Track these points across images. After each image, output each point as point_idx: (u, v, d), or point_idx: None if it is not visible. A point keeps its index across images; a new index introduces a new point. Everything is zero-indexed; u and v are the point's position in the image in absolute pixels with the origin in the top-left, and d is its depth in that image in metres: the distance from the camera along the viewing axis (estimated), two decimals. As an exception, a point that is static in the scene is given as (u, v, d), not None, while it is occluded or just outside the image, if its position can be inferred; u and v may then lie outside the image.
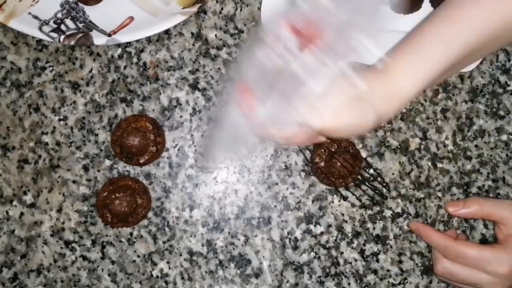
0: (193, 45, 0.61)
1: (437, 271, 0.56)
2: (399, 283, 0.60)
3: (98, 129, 0.60)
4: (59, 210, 0.60)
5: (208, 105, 0.61)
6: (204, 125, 0.61)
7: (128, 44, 0.61)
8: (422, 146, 0.61)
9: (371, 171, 0.61)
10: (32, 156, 0.60)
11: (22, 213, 0.60)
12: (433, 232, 0.57)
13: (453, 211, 0.58)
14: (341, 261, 0.60)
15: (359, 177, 0.59)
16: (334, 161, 0.58)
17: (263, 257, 0.60)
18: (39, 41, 0.60)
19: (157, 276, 0.60)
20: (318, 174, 0.59)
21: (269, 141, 0.50)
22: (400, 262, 0.61)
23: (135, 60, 0.61)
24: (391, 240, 0.61)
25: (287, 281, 0.60)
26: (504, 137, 0.62)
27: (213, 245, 0.60)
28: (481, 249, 0.54)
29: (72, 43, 0.58)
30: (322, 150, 0.59)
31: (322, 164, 0.59)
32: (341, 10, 0.40)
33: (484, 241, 0.61)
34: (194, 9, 0.59)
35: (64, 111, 0.60)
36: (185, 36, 0.61)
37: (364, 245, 0.61)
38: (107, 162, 0.60)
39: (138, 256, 0.60)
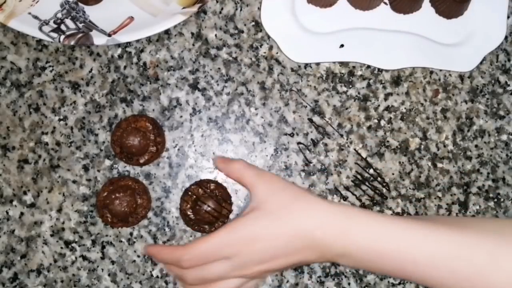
0: (193, 45, 0.61)
1: (190, 286, 0.51)
2: (399, 283, 0.60)
3: (98, 129, 0.60)
4: (59, 210, 0.60)
5: (208, 105, 0.61)
6: (204, 125, 0.61)
7: (128, 44, 0.61)
8: (422, 146, 0.61)
9: (371, 171, 0.61)
10: (32, 156, 0.60)
11: (22, 213, 0.60)
12: (162, 249, 0.53)
13: (218, 163, 0.56)
14: (341, 261, 0.60)
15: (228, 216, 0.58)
16: (198, 208, 0.57)
17: (263, 257, 0.60)
18: (39, 41, 0.60)
19: (157, 276, 0.60)
20: (187, 221, 0.58)
21: None
22: (400, 262, 0.60)
23: (135, 60, 0.61)
24: (391, 240, 0.61)
25: (287, 281, 0.60)
26: (504, 137, 0.62)
27: (213, 245, 0.60)
28: (209, 239, 0.49)
29: (72, 43, 0.58)
30: (189, 195, 0.58)
31: (190, 211, 0.58)
32: None
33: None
34: (194, 9, 0.59)
35: (64, 111, 0.60)
36: (185, 36, 0.61)
37: (364, 245, 0.60)
38: (107, 162, 0.60)
39: (138, 256, 0.60)
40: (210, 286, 0.50)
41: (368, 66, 0.62)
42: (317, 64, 0.61)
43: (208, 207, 0.57)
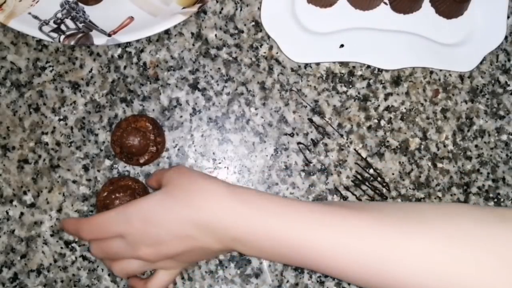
0: (193, 45, 0.61)
1: (93, 254, 0.52)
2: (399, 283, 0.60)
3: (98, 129, 0.60)
4: (59, 210, 0.60)
5: (208, 105, 0.61)
6: (204, 125, 0.61)
7: (128, 44, 0.61)
8: (422, 146, 0.61)
9: (371, 171, 0.61)
10: (32, 156, 0.60)
11: (22, 213, 0.60)
12: (67, 221, 0.53)
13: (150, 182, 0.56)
14: (341, 261, 0.60)
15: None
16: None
17: (263, 257, 0.60)
18: (39, 41, 0.60)
19: (157, 276, 0.60)
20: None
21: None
22: (400, 262, 0.60)
23: (135, 60, 0.61)
24: (391, 240, 0.61)
25: (287, 281, 0.60)
26: (504, 137, 0.62)
27: (213, 245, 0.60)
28: (105, 214, 0.49)
29: (72, 43, 0.58)
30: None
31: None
32: None
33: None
34: (194, 9, 0.59)
35: (64, 111, 0.60)
36: (185, 36, 0.61)
37: (364, 245, 0.60)
38: (107, 162, 0.60)
39: (138, 256, 0.60)
40: (112, 263, 0.51)
41: (368, 66, 0.62)
42: (317, 64, 0.61)
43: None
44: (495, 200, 0.62)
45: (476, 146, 0.62)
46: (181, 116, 0.61)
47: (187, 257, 0.49)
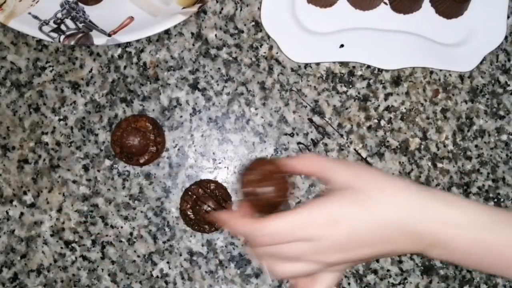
0: (193, 45, 0.61)
1: (259, 259, 0.45)
2: (399, 283, 0.60)
3: (98, 129, 0.60)
4: (59, 210, 0.60)
5: (208, 105, 0.61)
6: (204, 125, 0.61)
7: (128, 44, 0.61)
8: (422, 146, 0.61)
9: (371, 171, 0.61)
10: (32, 156, 0.60)
11: (22, 213, 0.60)
12: (237, 220, 0.44)
13: (282, 164, 0.46)
14: (341, 261, 0.60)
15: None
16: (198, 208, 0.58)
17: (263, 257, 0.60)
18: (39, 41, 0.60)
19: (157, 276, 0.60)
20: (187, 221, 0.59)
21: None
22: (400, 262, 0.61)
23: (135, 60, 0.61)
24: (391, 240, 0.61)
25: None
26: (504, 137, 0.62)
27: (213, 245, 0.60)
28: (290, 217, 0.42)
29: (72, 43, 0.58)
30: (189, 195, 0.58)
31: (190, 211, 0.58)
32: None
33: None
34: (194, 9, 0.59)
35: (64, 111, 0.60)
36: (185, 36, 0.61)
37: (364, 245, 0.60)
38: (107, 162, 0.60)
39: (138, 256, 0.60)
40: (283, 265, 0.44)
41: (368, 66, 0.62)
42: (317, 64, 0.61)
43: (208, 207, 0.57)
44: (495, 200, 0.62)
45: (476, 146, 0.62)
46: (181, 116, 0.61)
47: (369, 259, 0.45)
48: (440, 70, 0.62)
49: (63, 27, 0.59)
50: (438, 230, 0.40)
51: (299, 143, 0.61)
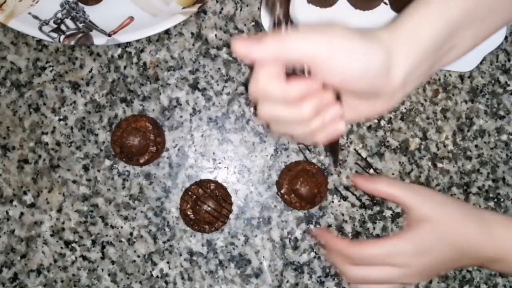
0: (193, 45, 0.61)
1: (349, 280, 0.52)
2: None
3: (98, 129, 0.60)
4: (59, 210, 0.60)
5: (208, 105, 0.61)
6: (204, 125, 0.61)
7: (128, 44, 0.61)
8: (422, 146, 0.61)
9: (371, 171, 0.61)
10: (32, 156, 0.60)
11: (22, 213, 0.60)
12: (335, 240, 0.52)
13: (358, 181, 0.52)
14: (341, 261, 0.60)
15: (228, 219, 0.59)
16: (198, 208, 0.58)
17: (263, 257, 0.60)
18: (39, 41, 0.60)
19: (157, 276, 0.60)
20: (187, 221, 0.59)
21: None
22: (400, 262, 0.60)
23: (135, 60, 0.61)
24: (391, 240, 0.61)
25: (287, 281, 0.60)
26: (504, 137, 0.62)
27: (213, 245, 0.60)
28: (382, 245, 0.50)
29: (72, 43, 0.58)
30: (189, 195, 0.58)
31: (190, 212, 0.58)
32: None
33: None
34: (194, 9, 0.59)
35: (64, 111, 0.60)
36: (185, 36, 0.61)
37: (364, 245, 0.60)
38: (107, 162, 0.60)
39: (138, 256, 0.60)
40: (370, 287, 0.51)
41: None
42: (317, 64, 0.61)
43: (208, 207, 0.57)
44: (495, 200, 0.62)
45: (476, 146, 0.62)
46: (181, 116, 0.61)
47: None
48: (440, 70, 0.62)
49: (63, 27, 0.59)
50: (499, 251, 0.48)
51: (299, 143, 0.61)
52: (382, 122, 0.61)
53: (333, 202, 0.60)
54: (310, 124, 0.38)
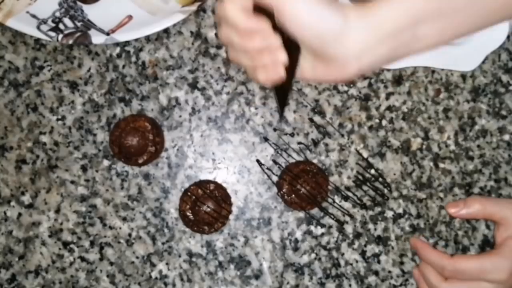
0: (192, 44, 0.61)
1: None
2: (401, 285, 0.60)
3: (97, 129, 0.60)
4: (57, 211, 0.59)
5: (208, 105, 0.60)
6: (204, 125, 0.60)
7: (127, 43, 0.60)
8: (424, 146, 0.61)
9: (372, 171, 0.60)
10: (30, 156, 0.59)
11: (20, 214, 0.59)
12: (431, 251, 0.56)
13: (454, 212, 0.57)
14: (342, 263, 0.60)
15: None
16: (197, 209, 0.57)
17: (263, 258, 0.60)
18: (37, 40, 0.60)
19: (156, 278, 0.59)
20: (186, 222, 0.58)
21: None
22: (402, 263, 0.60)
23: (133, 59, 0.60)
24: (392, 241, 0.60)
25: (288, 283, 0.60)
26: (506, 137, 0.61)
27: (212, 246, 0.59)
28: (478, 261, 0.53)
29: (70, 42, 0.58)
30: (188, 195, 0.58)
31: (189, 212, 0.58)
32: None
33: (485, 242, 0.60)
34: (194, 7, 0.58)
35: (62, 110, 0.60)
36: (184, 35, 0.61)
37: (365, 246, 0.60)
38: (106, 162, 0.60)
39: (137, 257, 0.59)
40: None
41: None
42: (318, 63, 0.61)
43: (208, 208, 0.57)
44: (498, 200, 0.61)
45: (478, 146, 0.61)
46: (180, 116, 0.60)
47: None
48: (442, 70, 0.61)
49: (61, 26, 0.58)
50: None
51: (299, 143, 0.60)
52: (384, 122, 0.61)
53: (334, 202, 0.60)
54: (254, 60, 0.42)
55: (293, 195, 0.58)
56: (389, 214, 0.60)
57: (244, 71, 0.42)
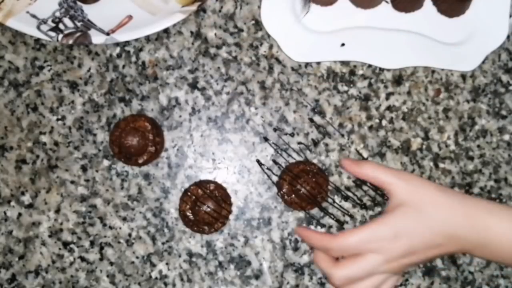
0: (193, 44, 0.61)
1: (336, 284, 0.52)
2: (401, 284, 0.60)
3: (97, 129, 0.60)
4: (57, 211, 0.59)
5: (208, 105, 0.60)
6: (204, 124, 0.60)
7: (127, 43, 0.60)
8: (424, 146, 0.61)
9: (372, 171, 0.60)
10: (30, 156, 0.59)
11: (20, 214, 0.59)
12: (314, 234, 0.53)
13: (346, 165, 0.54)
14: (342, 262, 0.60)
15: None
16: (197, 209, 0.57)
17: (263, 258, 0.60)
18: (37, 40, 0.60)
19: (156, 278, 0.59)
20: (187, 222, 0.58)
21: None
22: (402, 263, 0.60)
23: (133, 59, 0.60)
24: (392, 241, 0.60)
25: (288, 283, 0.60)
26: (506, 137, 0.61)
27: (212, 246, 0.59)
28: (359, 232, 0.50)
29: (70, 42, 0.58)
30: (188, 195, 0.58)
31: (189, 212, 0.58)
32: None
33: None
34: (194, 7, 0.58)
35: (62, 110, 0.60)
36: (184, 35, 0.61)
37: (365, 246, 0.60)
38: (106, 162, 0.60)
39: (137, 257, 0.59)
40: (358, 285, 0.51)
41: (369, 65, 0.61)
42: (318, 63, 0.61)
43: (208, 208, 0.57)
44: (497, 200, 0.61)
45: (478, 146, 0.61)
46: (180, 116, 0.60)
47: (423, 262, 0.53)
48: (442, 70, 0.61)
49: (61, 26, 0.58)
50: (483, 236, 0.49)
51: (299, 143, 0.60)
52: (384, 122, 0.61)
53: (334, 202, 0.60)
54: None
55: (293, 195, 0.58)
56: (389, 214, 0.60)
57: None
